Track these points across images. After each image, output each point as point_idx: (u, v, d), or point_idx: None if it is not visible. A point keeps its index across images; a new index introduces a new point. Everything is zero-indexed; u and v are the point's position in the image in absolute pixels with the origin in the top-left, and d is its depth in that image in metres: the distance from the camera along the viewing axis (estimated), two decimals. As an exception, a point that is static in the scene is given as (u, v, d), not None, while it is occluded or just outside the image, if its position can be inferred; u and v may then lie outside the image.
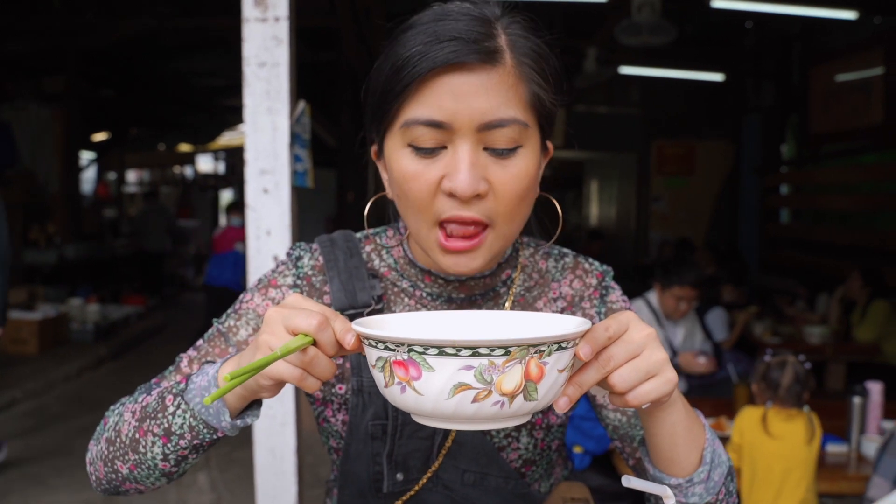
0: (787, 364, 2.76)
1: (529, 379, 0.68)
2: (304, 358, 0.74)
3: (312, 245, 1.07)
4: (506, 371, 0.67)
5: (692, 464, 0.87)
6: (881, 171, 7.05)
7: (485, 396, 0.68)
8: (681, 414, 0.85)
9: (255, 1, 2.14)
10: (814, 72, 7.81)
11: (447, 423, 0.72)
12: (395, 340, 0.68)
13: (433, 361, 0.67)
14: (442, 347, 0.66)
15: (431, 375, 0.68)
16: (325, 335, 0.74)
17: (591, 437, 3.05)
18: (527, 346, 0.67)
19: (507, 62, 0.84)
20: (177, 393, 0.86)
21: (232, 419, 0.84)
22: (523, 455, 1.05)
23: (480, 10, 0.86)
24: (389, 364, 0.70)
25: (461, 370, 0.67)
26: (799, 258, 8.06)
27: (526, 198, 0.89)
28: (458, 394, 0.67)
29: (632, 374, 0.73)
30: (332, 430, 1.07)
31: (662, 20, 5.62)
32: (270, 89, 2.16)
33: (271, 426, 2.27)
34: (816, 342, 5.22)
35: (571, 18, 8.38)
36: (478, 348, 0.66)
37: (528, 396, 0.69)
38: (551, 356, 0.69)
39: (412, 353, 0.68)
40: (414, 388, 0.69)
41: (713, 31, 8.89)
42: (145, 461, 0.89)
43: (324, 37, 7.50)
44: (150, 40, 8.29)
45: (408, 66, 0.82)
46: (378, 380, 0.73)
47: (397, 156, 0.87)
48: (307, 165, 2.27)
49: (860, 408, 2.96)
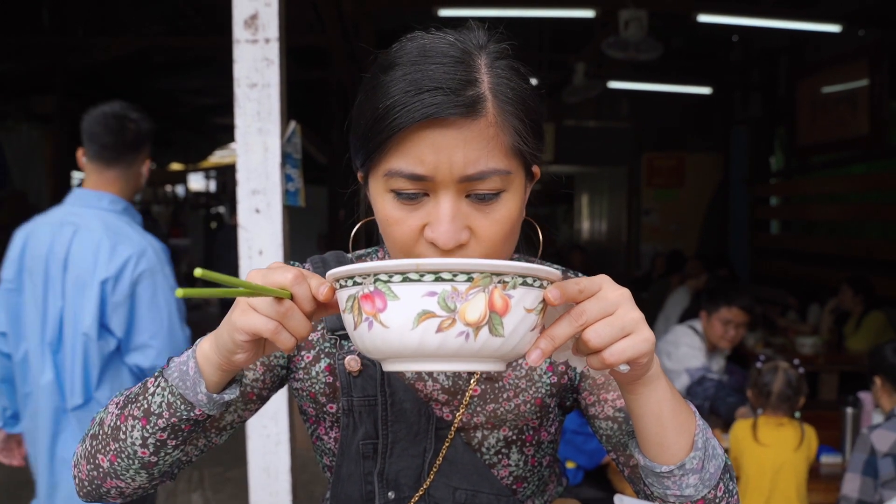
0: (778, 369, 2.77)
1: (494, 310, 0.68)
2: (280, 309, 0.75)
3: (305, 265, 1.08)
4: (469, 298, 0.67)
5: (683, 448, 0.86)
6: (868, 182, 7.11)
7: (449, 326, 0.68)
8: (666, 392, 0.84)
9: (246, 22, 2.16)
10: (800, 84, 7.89)
11: (414, 361, 0.71)
12: (362, 271, 0.70)
13: (398, 289, 0.68)
14: (406, 273, 0.68)
15: (396, 305, 0.68)
16: (302, 288, 0.76)
17: (584, 451, 3.05)
18: (490, 273, 0.68)
19: (489, 112, 0.81)
20: (157, 374, 0.88)
21: (208, 392, 0.84)
22: (514, 472, 1.05)
23: (464, 43, 0.84)
24: (358, 301, 0.71)
25: (425, 297, 0.67)
26: (789, 268, 8.10)
27: (508, 239, 0.88)
28: (423, 322, 0.68)
29: (606, 329, 0.72)
30: (326, 449, 1.07)
31: (649, 37, 5.68)
32: (261, 110, 2.17)
33: (265, 445, 2.26)
34: (809, 353, 5.24)
35: (560, 34, 8.46)
36: (440, 273, 0.67)
37: (494, 330, 0.69)
38: (516, 290, 0.69)
39: (378, 282, 0.69)
40: (380, 321, 0.69)
41: (700, 45, 8.98)
42: (125, 449, 0.89)
43: (313, 55, 7.54)
44: (140, 59, 8.31)
45: (388, 117, 0.80)
46: (348, 324, 0.74)
47: (381, 199, 0.86)
48: (299, 185, 2.28)
49: (853, 419, 2.97)
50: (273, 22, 2.16)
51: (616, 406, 1.02)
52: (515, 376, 1.03)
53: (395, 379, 1.01)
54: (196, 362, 0.85)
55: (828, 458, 2.96)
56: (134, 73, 9.23)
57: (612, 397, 1.02)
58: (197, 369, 0.85)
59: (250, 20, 2.16)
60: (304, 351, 1.04)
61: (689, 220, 10.07)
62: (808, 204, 8.32)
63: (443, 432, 1.01)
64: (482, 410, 1.02)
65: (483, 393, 1.02)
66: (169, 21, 7.57)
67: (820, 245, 7.72)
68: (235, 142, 2.18)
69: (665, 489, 0.88)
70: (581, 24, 7.14)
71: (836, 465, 2.95)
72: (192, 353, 0.86)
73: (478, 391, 1.02)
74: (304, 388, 1.05)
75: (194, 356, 0.85)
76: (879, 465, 2.41)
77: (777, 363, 2.80)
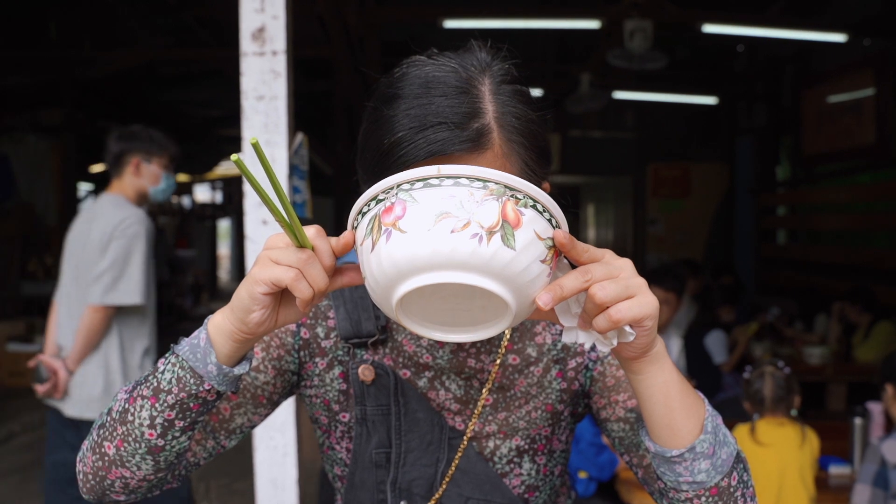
0: (765, 374, 2.79)
1: (507, 220, 0.71)
2: (301, 256, 0.76)
3: None
4: (484, 203, 0.71)
5: (692, 431, 0.85)
6: (875, 191, 7.09)
7: (463, 227, 0.70)
8: (672, 374, 0.84)
9: (253, 35, 2.17)
10: (806, 94, 7.89)
11: (426, 273, 0.72)
12: (385, 187, 0.73)
13: (418, 194, 0.72)
14: (427, 179, 0.72)
15: (416, 208, 0.71)
16: (322, 242, 0.78)
17: (595, 463, 3.04)
18: (504, 185, 0.72)
19: (495, 143, 0.82)
20: (168, 354, 0.87)
21: (219, 362, 0.84)
22: (526, 481, 1.05)
23: (466, 70, 0.84)
24: (378, 217, 0.73)
25: (443, 199, 0.71)
26: (795, 278, 8.07)
27: None
28: (440, 223, 0.70)
29: (612, 286, 0.74)
30: (337, 458, 1.07)
31: (654, 49, 5.69)
32: (269, 122, 2.18)
33: (273, 457, 2.26)
34: (817, 363, 5.22)
35: (565, 45, 8.48)
36: (459, 178, 0.71)
37: (506, 240, 0.71)
38: (527, 209, 0.72)
39: (400, 192, 0.72)
40: (399, 227, 0.71)
41: (705, 56, 8.99)
42: (133, 431, 0.87)
43: (319, 67, 7.57)
44: (146, 72, 8.36)
45: (393, 154, 0.81)
46: (366, 250, 0.75)
47: None
48: (306, 196, 2.28)
49: (862, 429, 2.95)
50: (280, 35, 2.18)
51: (627, 407, 1.02)
52: (527, 384, 1.04)
53: (408, 388, 1.01)
54: (207, 334, 0.85)
55: (836, 468, 2.95)
56: (140, 85, 9.29)
57: (622, 398, 1.03)
58: (208, 340, 0.84)
59: (258, 33, 2.17)
60: (317, 357, 1.05)
61: (695, 231, 10.05)
62: (815, 213, 8.30)
63: (455, 441, 1.02)
64: (494, 419, 1.02)
65: (495, 402, 1.03)
66: (175, 34, 7.62)
67: (826, 255, 7.70)
68: (243, 153, 2.19)
69: (677, 476, 0.87)
70: (586, 35, 7.15)
71: (844, 475, 2.93)
72: (204, 326, 0.86)
73: (490, 400, 1.03)
74: (317, 395, 1.05)
75: (206, 328, 0.85)
76: (890, 476, 2.40)
77: (763, 369, 2.84)
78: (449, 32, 6.06)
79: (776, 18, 6.67)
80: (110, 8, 6.97)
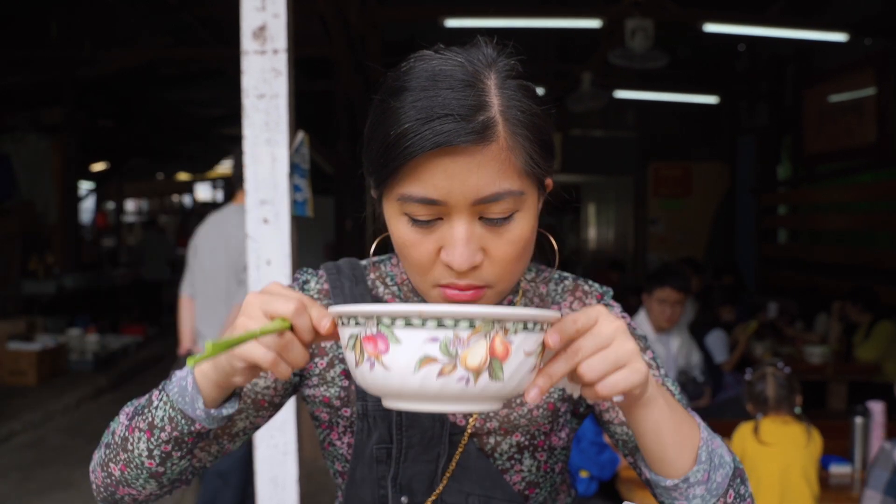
0: (766, 375, 2.79)
1: (495, 356, 0.69)
2: (280, 341, 0.76)
3: (318, 271, 1.09)
4: (471, 345, 0.68)
5: (686, 463, 0.87)
6: (876, 190, 7.09)
7: (450, 371, 0.68)
8: (663, 412, 0.85)
9: (254, 33, 2.17)
10: (807, 93, 7.88)
11: (415, 402, 0.72)
12: (364, 314, 0.71)
13: (400, 333, 0.69)
14: (409, 318, 0.68)
15: (398, 348, 0.69)
16: (302, 320, 0.76)
17: (597, 462, 3.04)
18: (492, 320, 0.69)
19: (500, 136, 0.82)
20: (161, 388, 0.89)
21: (206, 408, 0.86)
22: (527, 477, 1.05)
23: (472, 64, 0.84)
24: (360, 341, 0.72)
25: (427, 342, 0.68)
26: (796, 278, 8.07)
27: (521, 258, 0.89)
28: (424, 367, 0.68)
29: (600, 363, 0.74)
30: (338, 454, 1.07)
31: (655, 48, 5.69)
32: (270, 121, 2.18)
33: (273, 455, 2.26)
34: (817, 362, 5.22)
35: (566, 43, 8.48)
36: (443, 319, 0.68)
37: (494, 375, 0.69)
38: (517, 335, 0.70)
39: (381, 325, 0.70)
40: (382, 362, 0.70)
41: (706, 55, 8.99)
42: (133, 459, 0.90)
43: (319, 66, 7.57)
44: (147, 71, 8.36)
45: (399, 145, 0.81)
46: (350, 361, 0.75)
47: (395, 221, 0.88)
48: (307, 195, 2.28)
49: (863, 428, 2.95)
50: (281, 33, 2.18)
51: None
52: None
53: None
54: (194, 378, 0.86)
55: (837, 467, 2.95)
56: (141, 84, 9.29)
57: None
58: (195, 385, 0.86)
59: (259, 31, 2.17)
60: (317, 358, 1.05)
61: (696, 230, 10.05)
62: (816, 213, 8.30)
63: (456, 438, 1.02)
64: (495, 416, 1.02)
65: None
66: (175, 33, 7.62)
67: (828, 254, 7.69)
68: (243, 153, 2.19)
69: (672, 500, 0.90)
70: (587, 34, 7.15)
71: (845, 475, 2.93)
72: (190, 370, 0.87)
73: None
74: (317, 394, 1.05)
75: (192, 372, 0.86)
76: None
77: (763, 370, 2.85)
78: (450, 31, 6.06)
79: (777, 18, 6.67)
80: (111, 7, 6.98)
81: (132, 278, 11.18)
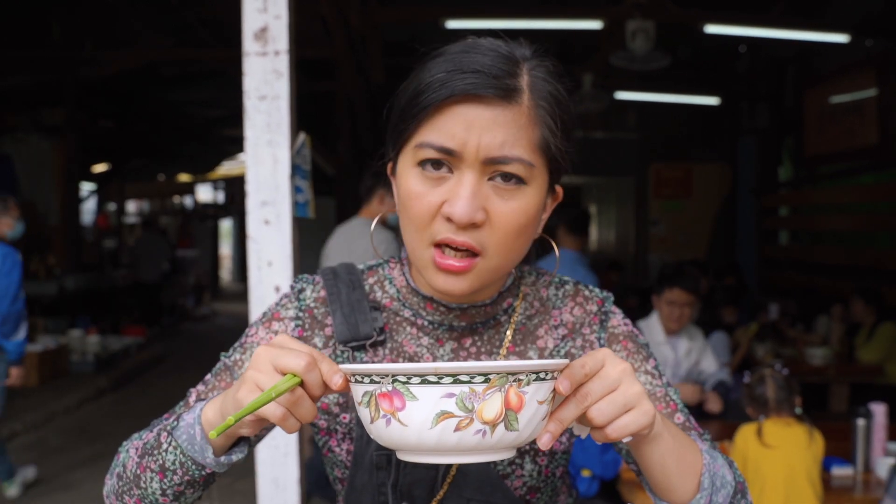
0: (765, 378, 2.79)
1: (510, 408, 0.70)
2: (290, 398, 0.76)
3: (315, 277, 1.09)
4: (486, 399, 0.69)
5: (689, 491, 0.89)
6: (877, 192, 7.08)
7: (467, 425, 0.70)
8: (668, 445, 0.86)
9: (256, 35, 2.17)
10: (808, 94, 7.88)
11: (431, 455, 0.73)
12: (379, 372, 0.71)
13: (416, 390, 0.70)
14: (424, 376, 0.69)
15: (415, 405, 0.70)
16: (313, 376, 0.76)
17: (600, 461, 3.04)
18: (506, 373, 0.70)
19: (524, 102, 0.87)
20: (169, 430, 0.88)
21: (216, 456, 0.86)
22: (528, 482, 1.05)
23: (510, 48, 0.90)
24: (375, 398, 0.72)
25: (443, 398, 0.69)
26: (797, 279, 8.06)
27: (522, 234, 0.91)
28: (441, 422, 0.69)
29: (609, 407, 0.75)
30: (337, 460, 1.07)
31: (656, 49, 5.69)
32: (271, 122, 2.18)
33: (274, 457, 2.26)
34: (819, 364, 5.21)
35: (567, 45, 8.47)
36: (458, 375, 0.69)
37: (510, 426, 0.71)
38: (530, 386, 0.71)
39: (396, 383, 0.70)
40: (398, 419, 0.71)
41: (707, 56, 8.98)
42: (147, 496, 0.91)
43: (321, 67, 7.57)
44: (149, 72, 8.37)
45: (427, 91, 0.86)
46: (364, 417, 0.75)
47: (407, 174, 0.90)
48: (308, 196, 2.28)
49: (865, 430, 2.95)
50: (283, 34, 2.18)
51: None
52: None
53: None
54: (202, 428, 0.86)
55: (839, 469, 2.94)
56: (142, 85, 9.29)
57: None
58: (203, 435, 0.86)
59: (260, 33, 2.17)
60: None
61: (697, 231, 10.04)
62: (817, 214, 8.30)
63: None
64: None
65: None
66: (177, 34, 7.62)
67: (829, 255, 7.69)
68: (245, 154, 2.19)
69: None
70: (588, 36, 7.15)
71: (847, 476, 2.93)
72: (197, 418, 0.86)
73: None
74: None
75: (199, 422, 0.86)
76: None
77: (762, 372, 2.85)
78: (451, 33, 6.05)
79: (778, 19, 6.66)
80: (112, 8, 6.98)
81: (132, 279, 11.18)
